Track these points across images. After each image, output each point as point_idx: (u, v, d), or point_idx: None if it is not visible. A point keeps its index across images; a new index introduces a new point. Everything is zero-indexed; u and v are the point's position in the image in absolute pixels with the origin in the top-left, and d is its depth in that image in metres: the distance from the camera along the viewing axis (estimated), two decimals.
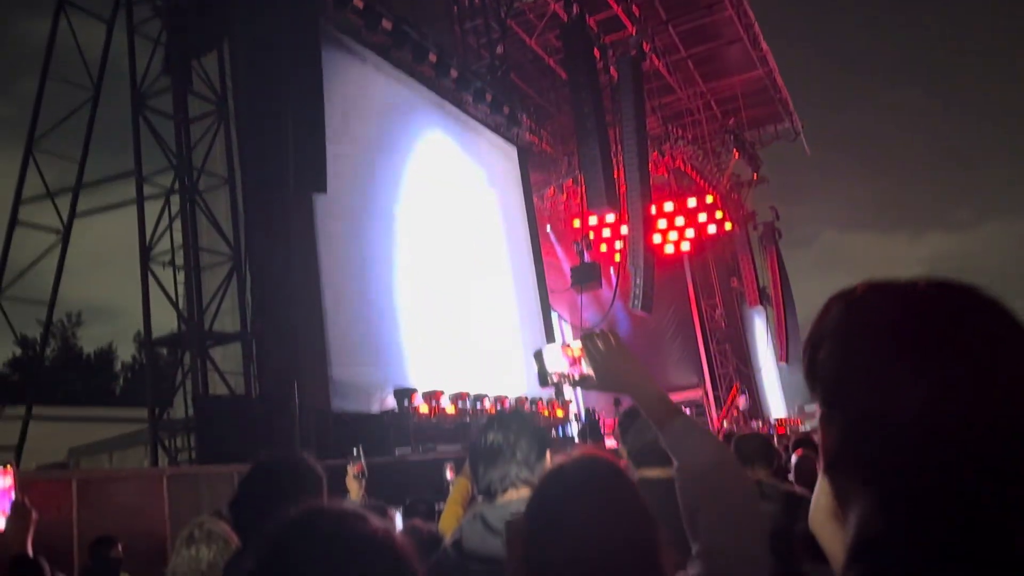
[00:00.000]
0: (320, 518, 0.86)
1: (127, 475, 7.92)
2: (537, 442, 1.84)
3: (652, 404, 1.53)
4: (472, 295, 15.42)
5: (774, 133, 27.77)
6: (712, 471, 1.43)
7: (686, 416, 1.53)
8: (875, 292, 0.82)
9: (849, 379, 0.79)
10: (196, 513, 7.39)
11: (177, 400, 11.09)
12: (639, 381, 1.54)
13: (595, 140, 16.99)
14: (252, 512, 1.70)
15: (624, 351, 1.57)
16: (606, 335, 1.59)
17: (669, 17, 21.23)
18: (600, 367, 1.56)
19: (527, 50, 21.71)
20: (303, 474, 1.73)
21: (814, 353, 0.83)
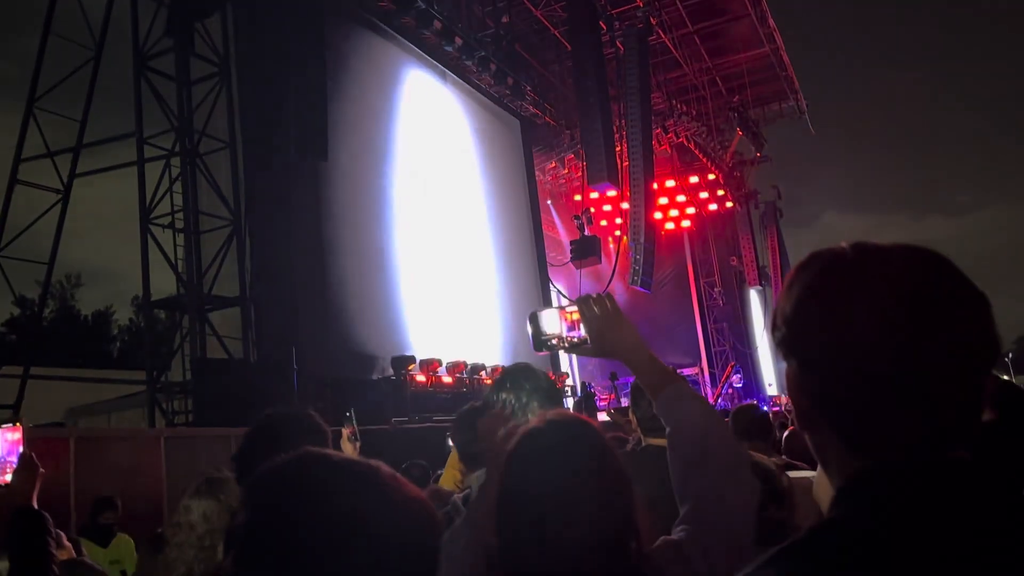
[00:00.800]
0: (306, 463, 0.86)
1: (125, 435, 7.97)
2: (549, 401, 1.85)
3: (645, 370, 1.53)
4: (472, 266, 15.43)
5: (779, 111, 27.59)
6: (702, 436, 1.43)
7: (680, 382, 1.52)
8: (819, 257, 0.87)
9: (803, 332, 0.84)
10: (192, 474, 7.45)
11: (175, 363, 11.12)
12: (633, 346, 1.53)
13: (598, 114, 16.85)
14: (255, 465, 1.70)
15: (619, 316, 1.56)
16: (602, 298, 1.57)
17: None
18: (595, 331, 1.55)
19: (533, 20, 21.46)
20: (307, 428, 1.74)
21: (797, 315, 0.86)
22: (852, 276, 0.83)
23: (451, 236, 14.90)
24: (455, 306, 14.48)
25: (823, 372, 0.82)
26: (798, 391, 0.86)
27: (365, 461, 0.86)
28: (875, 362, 0.78)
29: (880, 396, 0.79)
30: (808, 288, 0.85)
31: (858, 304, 0.80)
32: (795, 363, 0.86)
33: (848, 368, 0.80)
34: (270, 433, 1.77)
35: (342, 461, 0.85)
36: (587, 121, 17.11)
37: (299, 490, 0.82)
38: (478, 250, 15.71)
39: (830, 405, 0.82)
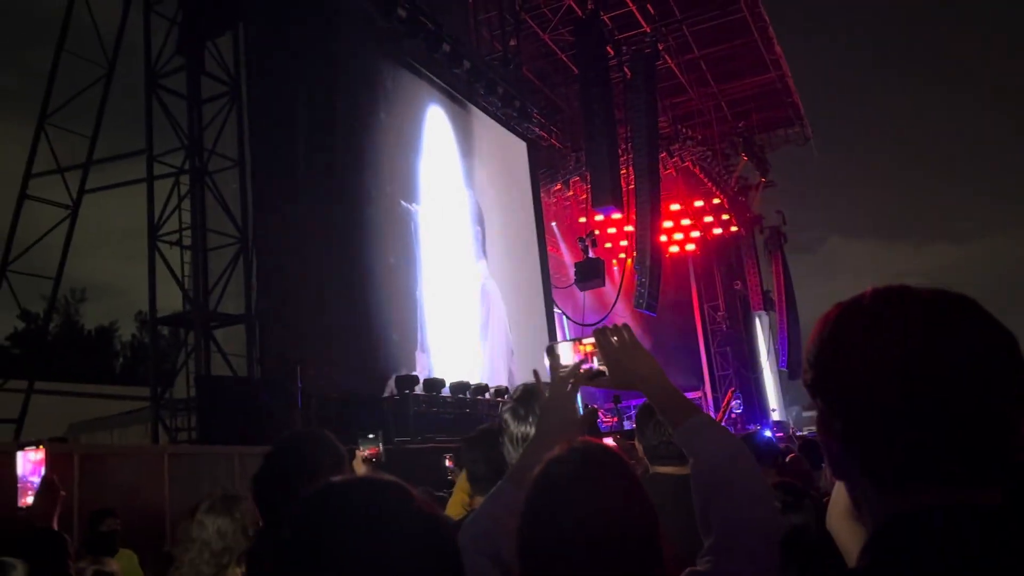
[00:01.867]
0: (359, 487, 0.87)
1: (128, 451, 7.96)
2: None
3: (666, 401, 1.53)
4: (476, 287, 15.45)
5: (784, 137, 27.72)
6: (727, 467, 1.42)
7: (700, 413, 1.52)
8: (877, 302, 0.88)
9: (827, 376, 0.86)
10: (195, 492, 7.43)
11: (179, 380, 11.12)
12: (652, 377, 1.53)
13: (604, 138, 16.95)
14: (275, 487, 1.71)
15: (638, 346, 1.55)
16: (619, 330, 1.57)
17: (684, 16, 21.16)
18: (613, 363, 1.55)
19: (540, 44, 21.66)
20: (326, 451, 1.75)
21: (820, 360, 0.88)
22: (870, 320, 0.85)
23: (456, 256, 14.93)
24: (459, 326, 14.49)
25: (847, 415, 0.84)
26: (827, 434, 0.88)
27: (405, 487, 0.87)
28: (896, 405, 0.80)
29: (905, 438, 0.80)
30: (830, 333, 0.87)
31: (876, 348, 0.82)
32: (822, 406, 0.88)
33: (870, 411, 0.81)
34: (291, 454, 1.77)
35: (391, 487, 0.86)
36: (593, 144, 17.19)
37: (347, 514, 0.83)
38: (483, 271, 15.74)
39: (857, 449, 0.84)
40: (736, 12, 20.94)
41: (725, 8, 20.80)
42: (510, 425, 1.91)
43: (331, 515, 0.82)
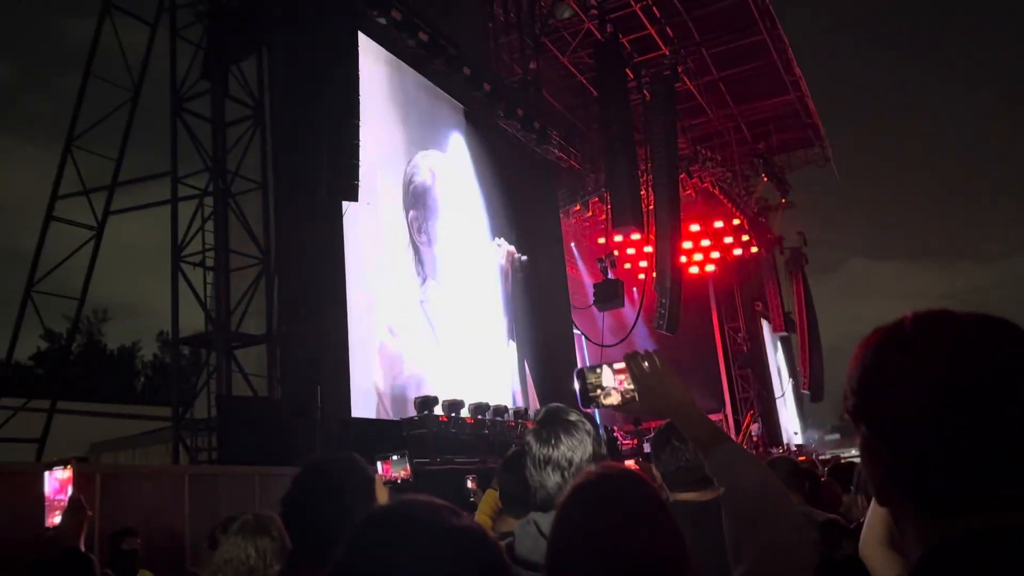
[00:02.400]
0: (413, 509, 0.87)
1: (150, 472, 7.99)
2: (593, 452, 1.83)
3: (696, 428, 1.51)
4: (496, 308, 15.46)
5: (804, 158, 27.62)
6: (758, 496, 1.41)
7: (731, 440, 1.51)
8: (918, 327, 0.88)
9: (871, 402, 0.86)
10: (215, 513, 7.44)
11: (199, 400, 11.18)
12: (683, 404, 1.52)
13: (624, 159, 16.98)
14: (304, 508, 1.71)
15: (668, 372, 1.54)
16: (651, 355, 1.56)
17: (703, 39, 21.22)
18: (644, 388, 1.53)
19: (559, 67, 21.79)
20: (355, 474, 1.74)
21: (862, 386, 0.88)
22: (915, 346, 0.85)
23: (476, 277, 14.96)
24: (479, 347, 14.48)
25: (894, 442, 0.83)
26: (872, 461, 0.88)
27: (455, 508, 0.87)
28: (945, 431, 0.79)
29: (953, 464, 0.80)
30: (874, 359, 0.87)
31: (922, 374, 0.82)
32: (866, 432, 0.88)
33: (918, 438, 0.81)
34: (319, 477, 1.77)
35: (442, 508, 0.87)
36: (613, 165, 17.23)
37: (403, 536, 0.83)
38: (508, 292, 15.75)
39: (902, 474, 0.84)
40: (755, 34, 20.97)
41: (744, 30, 20.84)
42: (533, 447, 1.89)
43: (387, 537, 0.81)
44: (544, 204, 18.55)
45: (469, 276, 14.73)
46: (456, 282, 14.22)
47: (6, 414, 10.80)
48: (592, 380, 1.60)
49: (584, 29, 20.30)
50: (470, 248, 15.00)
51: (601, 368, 1.61)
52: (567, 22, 20.63)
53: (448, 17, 14.94)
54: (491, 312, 15.34)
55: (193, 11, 11.76)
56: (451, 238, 14.37)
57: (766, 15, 20.46)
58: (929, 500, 0.82)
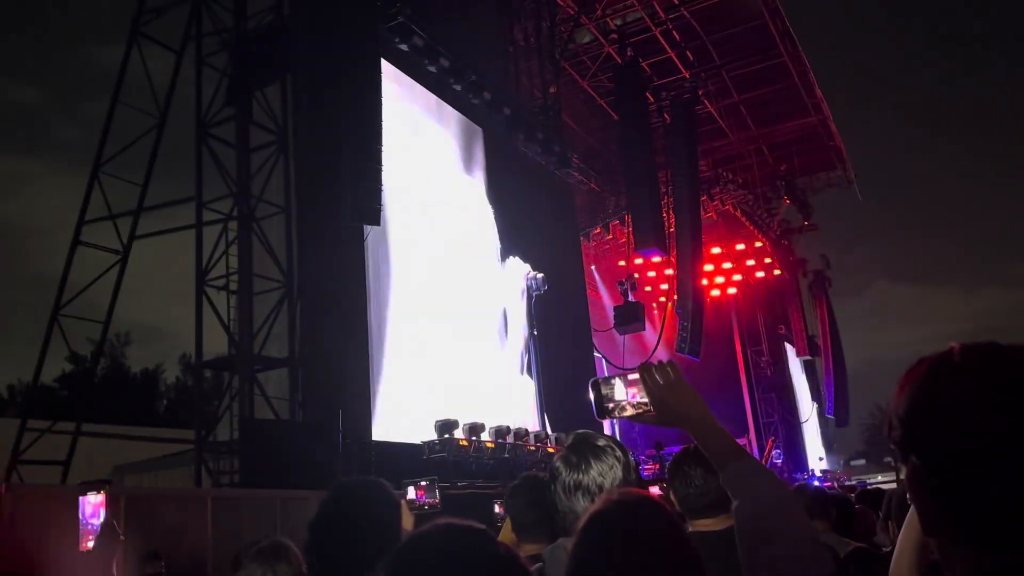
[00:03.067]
0: (452, 534, 0.86)
1: (174, 494, 8.02)
2: (623, 477, 1.80)
3: (713, 441, 1.48)
4: (519, 331, 15.43)
5: (827, 180, 27.47)
6: (776, 513, 1.38)
7: (749, 456, 1.48)
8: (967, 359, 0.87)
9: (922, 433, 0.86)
10: (238, 536, 7.44)
11: (221, 423, 11.23)
12: (699, 416, 1.49)
13: (645, 182, 17.00)
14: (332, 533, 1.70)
15: (683, 384, 1.52)
16: (664, 367, 1.54)
17: (723, 62, 21.27)
18: (658, 400, 1.51)
19: (579, 91, 21.91)
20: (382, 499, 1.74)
21: (911, 418, 0.87)
22: (965, 379, 0.85)
23: (497, 301, 14.97)
24: (500, 372, 14.45)
25: (945, 474, 0.83)
26: (920, 492, 0.87)
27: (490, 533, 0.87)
28: (996, 465, 0.79)
29: (1005, 498, 0.79)
30: (922, 391, 0.87)
31: (974, 407, 0.82)
32: (916, 463, 0.87)
33: (969, 471, 0.81)
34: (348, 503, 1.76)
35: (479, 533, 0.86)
36: (635, 188, 17.26)
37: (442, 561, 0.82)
38: (526, 314, 15.73)
39: (955, 507, 0.83)
40: (776, 57, 20.97)
41: (765, 53, 20.86)
42: (563, 473, 1.87)
43: (429, 562, 0.81)
44: (564, 227, 18.57)
45: (489, 299, 14.73)
46: (475, 305, 14.22)
47: (32, 436, 10.90)
48: (606, 391, 1.58)
49: (604, 53, 20.42)
50: (490, 271, 15.01)
51: (615, 379, 1.59)
52: (586, 46, 20.78)
53: (468, 42, 15.09)
54: (510, 335, 15.31)
55: (218, 39, 11.96)
56: (471, 261, 14.40)
57: (786, 37, 20.47)
58: (983, 534, 0.81)
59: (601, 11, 19.28)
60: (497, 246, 15.57)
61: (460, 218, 14.46)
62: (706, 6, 19.39)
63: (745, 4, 19.26)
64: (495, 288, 15.11)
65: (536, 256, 16.71)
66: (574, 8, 18.66)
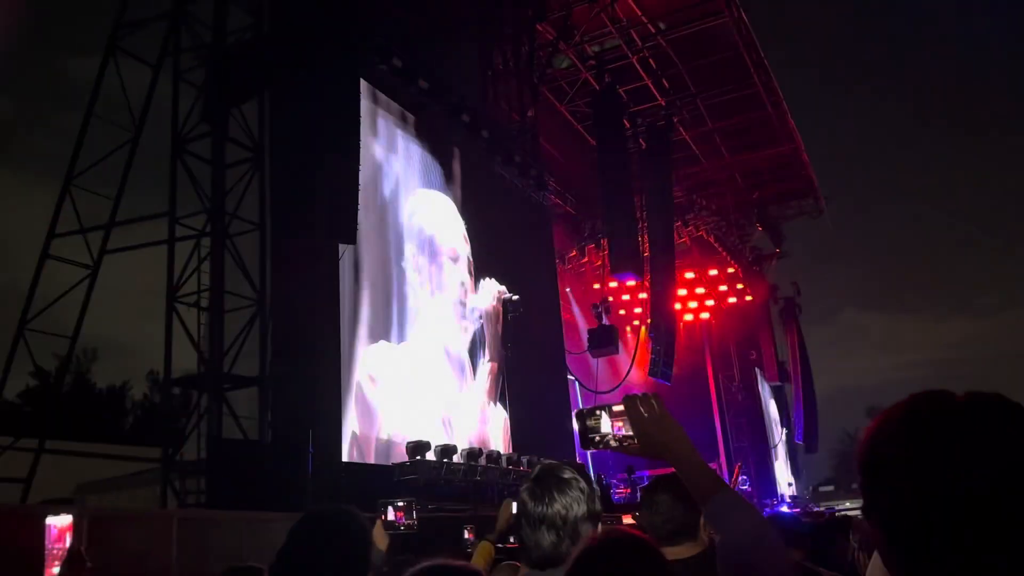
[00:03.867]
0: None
1: (137, 516, 7.85)
2: (588, 510, 1.80)
3: (694, 475, 1.50)
4: (489, 351, 15.40)
5: (798, 208, 27.87)
6: (755, 547, 1.40)
7: (730, 489, 1.49)
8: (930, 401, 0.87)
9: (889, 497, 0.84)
10: (203, 559, 7.29)
11: (188, 442, 11.05)
12: (682, 449, 1.50)
13: (622, 205, 17.13)
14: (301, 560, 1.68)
15: (667, 417, 1.53)
16: (648, 399, 1.55)
17: (698, 90, 21.56)
18: (642, 432, 1.52)
19: (557, 115, 22.08)
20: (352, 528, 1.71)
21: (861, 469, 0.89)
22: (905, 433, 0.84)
23: (471, 323, 14.94)
24: (473, 394, 14.40)
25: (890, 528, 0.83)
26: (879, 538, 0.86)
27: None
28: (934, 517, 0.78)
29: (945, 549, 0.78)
30: (869, 445, 0.87)
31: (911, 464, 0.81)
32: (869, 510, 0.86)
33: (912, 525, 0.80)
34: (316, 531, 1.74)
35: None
36: (611, 212, 17.37)
37: None
38: (498, 335, 15.71)
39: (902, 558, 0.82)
40: (750, 87, 21.32)
41: (739, 83, 21.19)
42: (528, 505, 1.87)
43: None
44: (540, 249, 18.62)
45: (458, 319, 14.70)
46: (445, 325, 14.19)
47: None
48: (592, 423, 1.59)
49: (582, 79, 20.62)
50: (461, 291, 14.99)
51: (600, 411, 1.60)
52: (564, 72, 20.97)
53: (448, 64, 15.17)
54: (484, 355, 15.27)
55: (196, 55, 11.91)
56: (442, 281, 14.38)
57: (760, 68, 20.82)
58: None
59: (579, 37, 19.49)
60: (471, 267, 15.58)
61: (436, 237, 14.45)
62: (682, 36, 19.69)
63: (720, 35, 19.58)
64: (469, 308, 15.08)
65: (511, 277, 16.73)
66: (553, 34, 18.84)
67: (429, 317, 13.62)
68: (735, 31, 19.30)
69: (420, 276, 13.67)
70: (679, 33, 19.60)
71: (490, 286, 15.88)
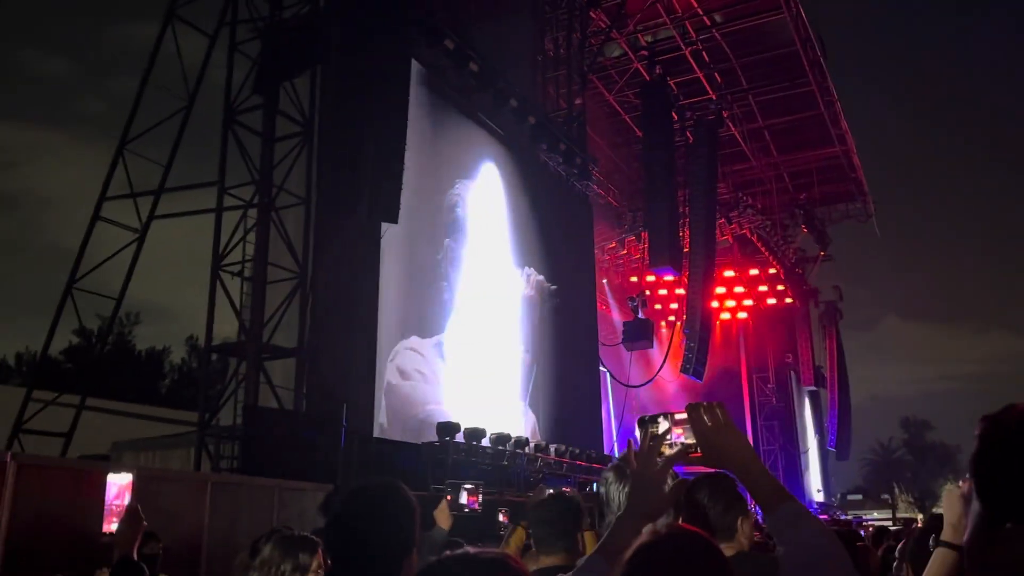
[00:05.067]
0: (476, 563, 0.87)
1: (175, 476, 8.02)
2: None
3: (758, 485, 1.47)
4: (526, 339, 15.43)
5: (845, 212, 27.40)
6: (820, 560, 1.37)
7: (794, 500, 1.47)
8: None
9: None
10: (233, 522, 7.44)
11: (224, 409, 11.25)
12: (746, 459, 1.48)
13: (664, 200, 16.99)
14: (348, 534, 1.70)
15: (732, 426, 1.51)
16: (713, 408, 1.53)
17: (751, 86, 21.26)
18: (706, 441, 1.51)
19: (605, 104, 21.93)
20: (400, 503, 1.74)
21: None
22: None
23: (507, 309, 14.97)
24: (505, 378, 14.44)
25: None
26: None
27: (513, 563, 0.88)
28: None
29: None
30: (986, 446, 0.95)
31: None
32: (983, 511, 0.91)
33: None
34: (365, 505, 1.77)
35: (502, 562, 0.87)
36: (653, 205, 17.23)
37: None
38: (534, 324, 15.73)
39: None
40: (804, 85, 20.95)
41: (793, 80, 20.84)
42: (613, 483, 1.93)
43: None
44: (579, 239, 18.56)
45: (495, 306, 14.72)
46: (482, 312, 14.22)
47: (36, 406, 10.94)
48: (653, 430, 1.58)
49: (632, 69, 20.44)
50: (499, 278, 15.00)
51: (662, 418, 1.59)
52: (615, 60, 20.80)
53: (499, 48, 15.12)
54: (519, 342, 15.30)
55: (252, 27, 12.02)
56: (481, 267, 14.40)
57: (816, 66, 20.45)
58: None
59: (633, 27, 19.31)
60: (511, 253, 15.59)
61: (477, 225, 14.48)
62: (738, 29, 19.42)
63: (777, 31, 19.26)
64: (505, 296, 15.10)
65: (550, 266, 16.71)
66: (606, 22, 18.68)
67: (466, 304, 13.67)
68: (792, 28, 18.96)
69: (458, 263, 13.72)
70: (735, 27, 19.33)
71: (529, 275, 15.89)
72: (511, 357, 14.88)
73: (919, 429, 54.56)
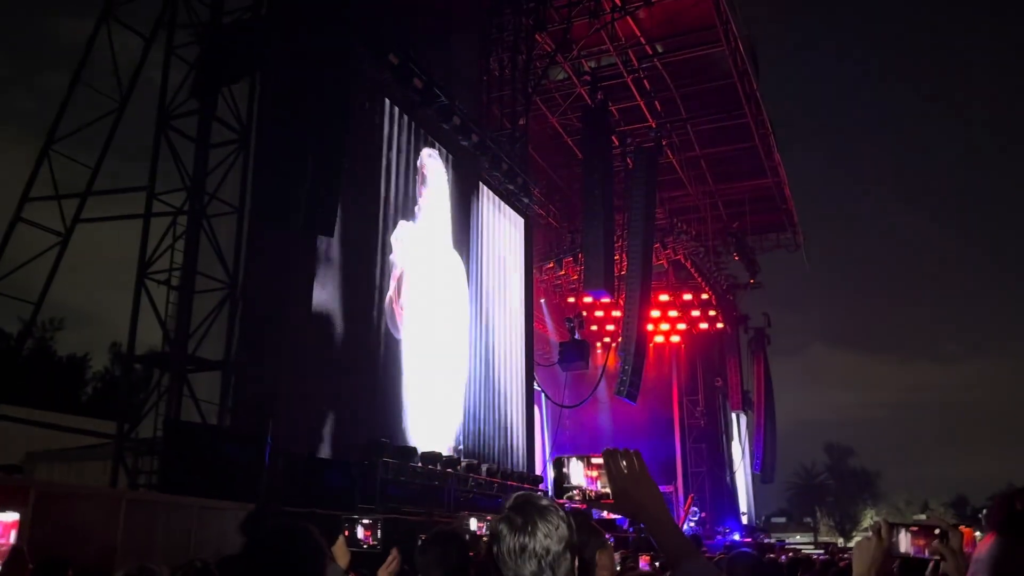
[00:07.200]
0: None
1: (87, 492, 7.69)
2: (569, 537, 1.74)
3: (668, 538, 1.47)
4: (460, 356, 15.36)
5: (775, 241, 28.17)
6: None
7: (700, 557, 1.47)
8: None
9: None
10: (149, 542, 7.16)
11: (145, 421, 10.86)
12: (657, 511, 1.48)
13: (601, 223, 17.17)
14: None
15: (645, 476, 1.51)
16: (629, 454, 1.53)
17: (689, 116, 21.74)
18: (619, 489, 1.50)
19: (547, 126, 22.13)
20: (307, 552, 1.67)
21: None
22: None
23: (442, 324, 14.88)
24: (437, 397, 14.34)
25: None
26: None
27: None
28: None
29: None
30: None
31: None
32: None
33: None
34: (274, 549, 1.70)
35: None
36: (590, 228, 17.40)
37: None
38: (469, 341, 15.67)
39: None
40: (740, 117, 21.52)
41: (730, 112, 21.39)
42: (507, 536, 1.79)
43: None
44: (519, 258, 18.62)
45: (432, 321, 14.62)
46: (418, 326, 14.11)
47: None
48: (567, 471, 1.57)
49: (575, 93, 20.69)
50: (436, 292, 14.92)
51: (578, 461, 1.58)
52: (559, 84, 21.02)
53: (444, 66, 15.13)
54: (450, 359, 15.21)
55: (191, 31, 11.75)
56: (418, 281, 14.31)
57: (752, 99, 21.03)
58: None
59: (577, 51, 19.57)
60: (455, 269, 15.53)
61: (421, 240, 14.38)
62: (678, 60, 19.85)
63: (716, 63, 19.76)
64: (444, 311, 15.02)
65: (488, 285, 16.71)
66: (551, 46, 18.89)
67: (403, 317, 13.54)
68: (730, 61, 19.47)
69: (401, 277, 13.60)
70: (676, 57, 19.77)
71: (467, 292, 15.85)
72: (447, 373, 14.77)
73: (842, 454, 56.17)
